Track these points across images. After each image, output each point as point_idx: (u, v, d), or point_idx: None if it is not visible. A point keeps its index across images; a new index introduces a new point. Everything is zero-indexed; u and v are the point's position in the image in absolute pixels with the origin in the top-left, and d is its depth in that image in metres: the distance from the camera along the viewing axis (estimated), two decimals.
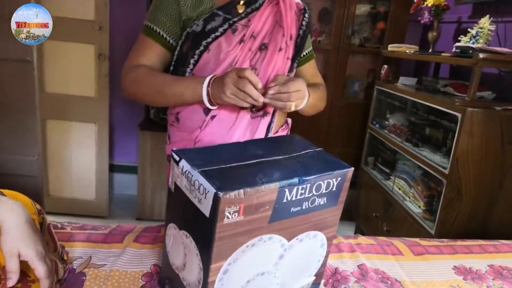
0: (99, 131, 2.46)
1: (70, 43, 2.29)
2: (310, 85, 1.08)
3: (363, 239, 1.10)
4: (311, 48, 1.22)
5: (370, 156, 2.56)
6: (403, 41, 2.55)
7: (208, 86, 0.95)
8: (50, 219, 0.91)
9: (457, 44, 1.79)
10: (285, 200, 0.63)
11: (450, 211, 1.66)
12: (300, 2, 1.14)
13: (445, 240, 1.17)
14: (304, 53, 1.19)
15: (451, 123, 1.77)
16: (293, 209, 0.65)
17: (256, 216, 0.61)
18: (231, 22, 1.02)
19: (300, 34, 1.12)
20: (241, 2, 1.05)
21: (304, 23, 1.13)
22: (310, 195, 0.65)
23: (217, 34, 1.02)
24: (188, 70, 1.05)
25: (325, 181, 0.66)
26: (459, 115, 1.59)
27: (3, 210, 0.66)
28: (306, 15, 1.13)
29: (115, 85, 2.54)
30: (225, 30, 1.02)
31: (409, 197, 2.05)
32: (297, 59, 1.13)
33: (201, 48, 1.02)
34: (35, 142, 1.51)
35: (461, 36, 1.91)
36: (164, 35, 1.05)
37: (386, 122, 2.41)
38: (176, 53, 1.07)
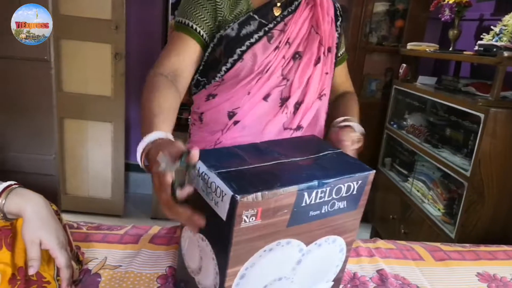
0: (115, 130, 2.47)
1: (87, 43, 2.30)
2: (349, 105, 1.06)
3: (382, 243, 1.07)
4: (344, 49, 1.16)
5: (387, 157, 2.51)
6: (422, 39, 2.49)
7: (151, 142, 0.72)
8: (67, 217, 0.91)
9: (480, 42, 1.73)
10: (303, 204, 0.61)
11: (471, 215, 1.61)
12: (332, 2, 1.06)
13: (468, 245, 1.13)
14: (339, 54, 1.13)
15: (472, 123, 1.72)
16: (312, 213, 0.63)
17: (274, 220, 0.59)
18: (266, 29, 0.97)
19: (337, 44, 1.07)
20: (278, 4, 0.99)
21: (336, 34, 1.07)
22: (329, 198, 0.63)
23: (252, 41, 0.96)
24: (219, 76, 1.00)
25: (346, 184, 0.63)
26: (482, 115, 1.54)
27: (24, 200, 0.67)
28: (338, 24, 1.07)
29: (131, 85, 2.55)
30: (260, 37, 0.96)
31: (428, 200, 2.00)
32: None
33: (235, 56, 0.96)
34: (52, 141, 1.52)
35: (484, 34, 1.85)
36: (199, 30, 0.96)
37: (404, 123, 2.36)
38: (206, 54, 0.99)
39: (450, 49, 2.20)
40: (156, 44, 2.61)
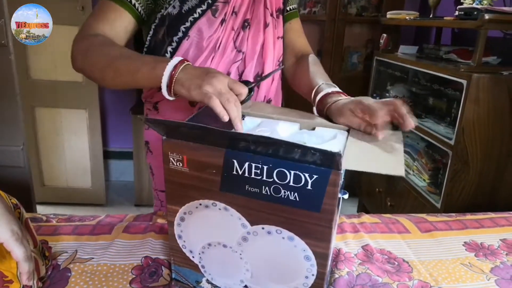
0: (90, 117, 2.38)
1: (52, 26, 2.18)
2: (320, 72, 0.95)
3: (367, 218, 1.04)
4: (295, 5, 1.08)
5: None
6: (402, 7, 2.44)
7: (173, 69, 0.74)
8: (46, 210, 0.85)
9: (460, 6, 1.68)
10: (235, 172, 0.59)
11: (456, 184, 1.60)
12: None
13: (454, 214, 1.11)
14: (287, 9, 1.05)
15: (455, 91, 1.69)
16: (249, 188, 0.60)
17: (203, 175, 0.61)
18: (209, 1, 0.89)
19: (287, 5, 1.00)
20: None
21: None
22: (270, 180, 0.58)
23: (195, 16, 0.89)
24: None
25: (292, 172, 0.56)
26: (464, 82, 1.51)
27: None
28: None
29: None
30: (203, 12, 0.89)
31: (413, 171, 1.98)
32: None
33: (180, 34, 0.90)
34: (19, 131, 1.43)
35: None
36: (134, 2, 0.88)
37: (387, 94, 2.33)
38: (148, 38, 0.93)
39: (431, 16, 2.15)
40: None
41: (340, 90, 0.90)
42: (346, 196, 0.63)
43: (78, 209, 2.48)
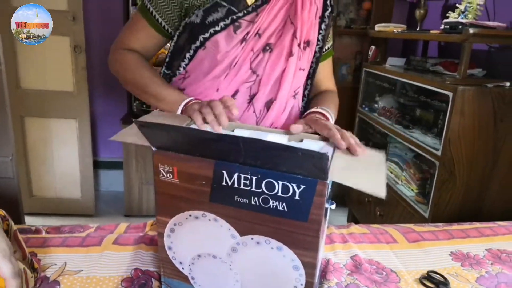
0: (80, 127, 2.37)
1: None
2: (327, 100, 0.97)
3: (355, 228, 1.05)
4: (331, 43, 1.06)
5: (361, 140, 2.50)
6: (390, 20, 2.49)
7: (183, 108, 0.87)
8: (35, 221, 0.85)
9: (445, 20, 1.73)
10: (224, 183, 0.60)
11: (443, 193, 1.62)
12: None
13: (441, 224, 1.12)
14: (326, 48, 1.04)
15: (442, 103, 1.72)
16: (239, 199, 0.61)
17: (193, 187, 0.62)
18: (234, 17, 0.89)
19: (319, 40, 0.96)
20: None
21: (323, 25, 0.97)
22: (259, 190, 0.59)
23: (217, 29, 0.89)
24: (183, 64, 0.95)
25: (280, 182, 0.57)
26: (450, 94, 1.54)
27: None
28: (326, 14, 0.97)
29: (94, 78, 2.45)
30: (226, 26, 0.89)
31: (401, 181, 2.01)
32: (314, 76, 1.02)
33: (197, 43, 0.91)
34: (8, 141, 1.42)
35: (449, 12, 1.85)
36: (161, 21, 0.94)
37: (376, 105, 2.36)
38: (172, 43, 0.97)
39: (418, 29, 2.20)
40: None
41: (327, 114, 0.91)
42: (333, 207, 0.64)
43: (67, 219, 2.46)
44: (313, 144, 0.79)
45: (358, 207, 2.45)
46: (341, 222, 2.44)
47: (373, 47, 2.35)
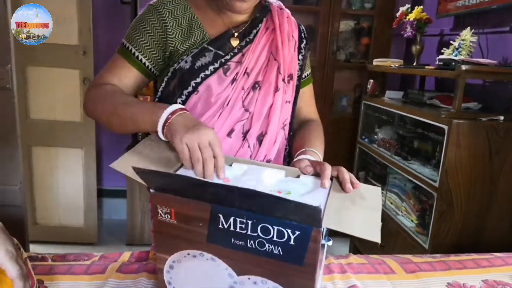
0: (86, 156, 2.42)
1: (54, 69, 2.27)
2: (309, 137, 1.00)
3: (354, 259, 1.07)
4: (309, 71, 1.11)
5: (361, 171, 2.54)
6: (388, 55, 2.57)
7: (170, 114, 0.79)
8: (37, 249, 0.87)
9: (440, 57, 1.80)
10: (221, 226, 0.62)
11: (442, 224, 1.64)
12: (297, 24, 1.03)
13: (438, 255, 1.14)
14: (304, 75, 1.08)
15: (438, 135, 1.77)
16: (235, 241, 0.62)
17: (190, 227, 0.64)
18: (223, 60, 0.92)
19: (298, 70, 1.02)
20: (235, 34, 0.94)
21: (300, 56, 1.02)
22: (254, 234, 0.61)
23: (207, 73, 0.91)
24: None
25: (275, 228, 0.59)
26: (445, 127, 1.59)
27: None
28: (302, 46, 1.03)
29: None
30: (215, 69, 0.92)
31: (401, 211, 2.02)
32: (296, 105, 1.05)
33: (190, 89, 0.92)
34: (17, 170, 1.47)
35: (444, 48, 1.93)
36: (144, 60, 0.93)
37: (375, 136, 2.41)
38: (161, 89, 0.96)
39: (414, 64, 2.28)
40: None
41: (317, 158, 0.93)
42: (330, 243, 0.67)
43: (70, 247, 2.46)
44: (310, 181, 0.80)
45: (360, 238, 2.44)
46: (343, 252, 2.44)
47: (371, 80, 2.42)
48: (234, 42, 0.94)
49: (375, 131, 2.43)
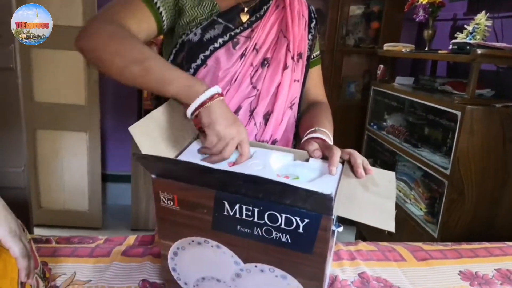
0: (90, 140, 2.41)
1: (58, 51, 2.24)
2: (322, 119, 0.96)
3: (363, 246, 1.05)
4: (318, 51, 1.09)
5: (369, 158, 2.51)
6: (398, 40, 2.51)
7: (211, 98, 0.75)
8: (42, 232, 0.86)
9: (453, 41, 1.75)
10: (226, 213, 0.59)
11: (452, 213, 1.61)
12: (307, 4, 1.01)
13: (449, 243, 1.12)
14: (313, 56, 1.06)
15: (450, 122, 1.73)
16: (241, 228, 0.60)
17: (194, 214, 0.62)
18: (232, 33, 0.91)
19: (308, 51, 1.00)
20: (245, 9, 0.93)
21: (310, 36, 1.00)
22: (261, 221, 0.58)
23: (216, 46, 0.89)
24: None
25: (283, 215, 0.57)
26: (458, 113, 1.55)
27: None
28: (312, 26, 1.01)
29: (105, 92, 2.49)
30: (225, 42, 0.90)
31: (410, 200, 2.00)
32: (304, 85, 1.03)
33: (198, 62, 0.90)
34: (21, 153, 1.45)
35: (458, 33, 1.87)
36: (162, 11, 0.87)
37: (384, 123, 2.37)
38: (170, 61, 0.94)
39: (426, 49, 2.22)
40: None
41: (327, 138, 0.90)
42: (340, 229, 0.64)
43: (74, 231, 2.47)
44: (319, 165, 0.77)
45: (366, 226, 2.42)
46: (349, 239, 2.43)
47: (381, 66, 2.37)
48: (244, 17, 0.93)
49: (384, 118, 2.39)
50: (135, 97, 2.47)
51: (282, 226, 0.57)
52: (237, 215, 0.59)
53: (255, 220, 0.58)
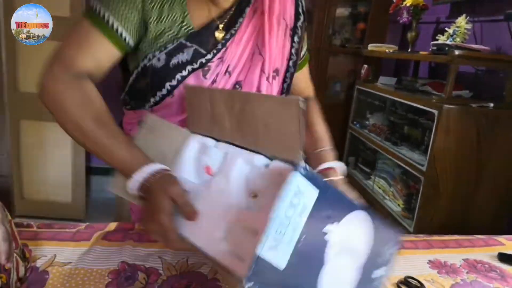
0: None
1: (45, 41, 2.22)
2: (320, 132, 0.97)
3: None
4: (305, 48, 1.00)
5: (351, 156, 2.56)
6: (383, 41, 2.57)
7: (152, 174, 0.68)
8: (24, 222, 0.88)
9: (433, 42, 1.80)
10: None
11: (428, 208, 1.67)
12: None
13: (421, 235, 1.16)
14: (300, 56, 0.98)
15: (428, 121, 1.78)
16: None
17: None
18: (203, 61, 0.80)
19: (289, 66, 0.90)
20: (220, 27, 0.82)
21: (296, 38, 0.90)
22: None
23: (184, 74, 0.80)
24: (147, 106, 0.85)
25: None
26: (435, 112, 1.60)
27: None
28: (299, 25, 0.90)
29: None
30: (194, 70, 0.80)
31: (388, 196, 2.05)
32: (288, 90, 0.97)
33: (164, 91, 0.81)
34: (4, 140, 1.45)
35: (439, 35, 1.93)
36: (121, 31, 0.75)
37: (367, 122, 2.42)
38: (131, 80, 0.85)
39: (409, 50, 2.27)
40: None
41: (334, 164, 0.89)
42: None
43: (57, 223, 2.46)
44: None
45: None
46: None
47: (365, 65, 2.42)
48: (220, 35, 0.83)
49: (366, 117, 2.44)
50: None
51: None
52: None
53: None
